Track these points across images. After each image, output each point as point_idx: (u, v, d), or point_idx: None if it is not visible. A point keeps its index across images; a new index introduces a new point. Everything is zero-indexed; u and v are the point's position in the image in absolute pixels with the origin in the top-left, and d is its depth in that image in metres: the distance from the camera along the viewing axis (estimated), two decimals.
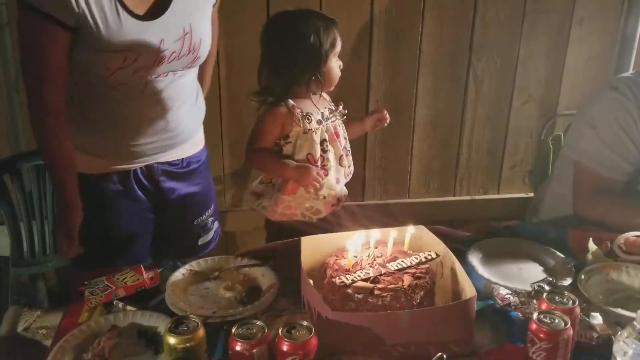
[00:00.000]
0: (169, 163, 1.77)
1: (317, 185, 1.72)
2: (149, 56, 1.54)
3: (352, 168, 1.89)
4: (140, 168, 1.72)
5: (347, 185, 1.90)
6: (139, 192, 1.74)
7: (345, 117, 1.84)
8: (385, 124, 1.92)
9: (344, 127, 1.85)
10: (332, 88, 1.81)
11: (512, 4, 2.59)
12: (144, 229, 1.80)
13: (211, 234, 1.96)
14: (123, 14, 1.48)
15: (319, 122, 1.75)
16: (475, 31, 2.62)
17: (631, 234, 1.56)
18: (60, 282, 2.50)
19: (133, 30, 1.50)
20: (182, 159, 1.80)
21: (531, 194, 2.72)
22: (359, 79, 2.61)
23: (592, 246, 1.56)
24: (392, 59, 2.61)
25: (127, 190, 1.72)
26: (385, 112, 1.91)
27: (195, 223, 1.89)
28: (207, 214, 1.92)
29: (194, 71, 1.74)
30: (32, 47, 1.48)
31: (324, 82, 1.73)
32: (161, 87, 1.63)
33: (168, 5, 1.55)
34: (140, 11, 1.52)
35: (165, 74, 1.61)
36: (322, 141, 1.76)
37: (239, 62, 2.49)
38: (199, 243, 1.93)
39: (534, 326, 1.14)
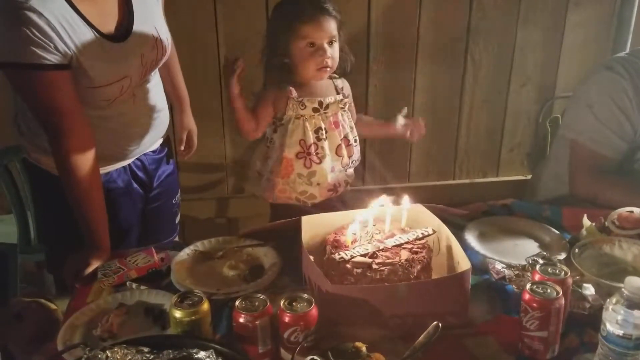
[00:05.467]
0: (153, 151, 1.80)
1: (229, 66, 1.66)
2: (137, 75, 1.57)
3: (355, 158, 1.85)
4: (134, 162, 1.75)
5: None
6: (135, 185, 1.76)
7: (346, 106, 1.81)
8: (418, 138, 1.88)
9: (349, 117, 1.83)
10: (312, 78, 1.74)
11: None
12: (137, 221, 1.81)
13: (179, 211, 1.99)
14: (103, 41, 1.47)
15: (316, 110, 1.74)
16: (472, 16, 2.64)
17: (624, 210, 1.59)
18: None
19: (116, 55, 1.50)
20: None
21: (530, 176, 2.75)
22: (358, 64, 2.62)
23: (586, 222, 1.59)
24: (390, 45, 2.63)
25: (124, 186, 1.73)
26: (422, 123, 1.85)
27: (173, 202, 1.93)
28: (179, 190, 1.96)
29: None
30: (41, 100, 1.44)
31: (293, 69, 1.71)
32: (147, 91, 1.65)
33: (132, 19, 1.53)
34: (111, 32, 1.50)
35: (147, 80, 1.64)
36: (318, 129, 1.74)
37: (239, 50, 2.51)
38: (176, 222, 1.97)
39: (526, 296, 1.17)
